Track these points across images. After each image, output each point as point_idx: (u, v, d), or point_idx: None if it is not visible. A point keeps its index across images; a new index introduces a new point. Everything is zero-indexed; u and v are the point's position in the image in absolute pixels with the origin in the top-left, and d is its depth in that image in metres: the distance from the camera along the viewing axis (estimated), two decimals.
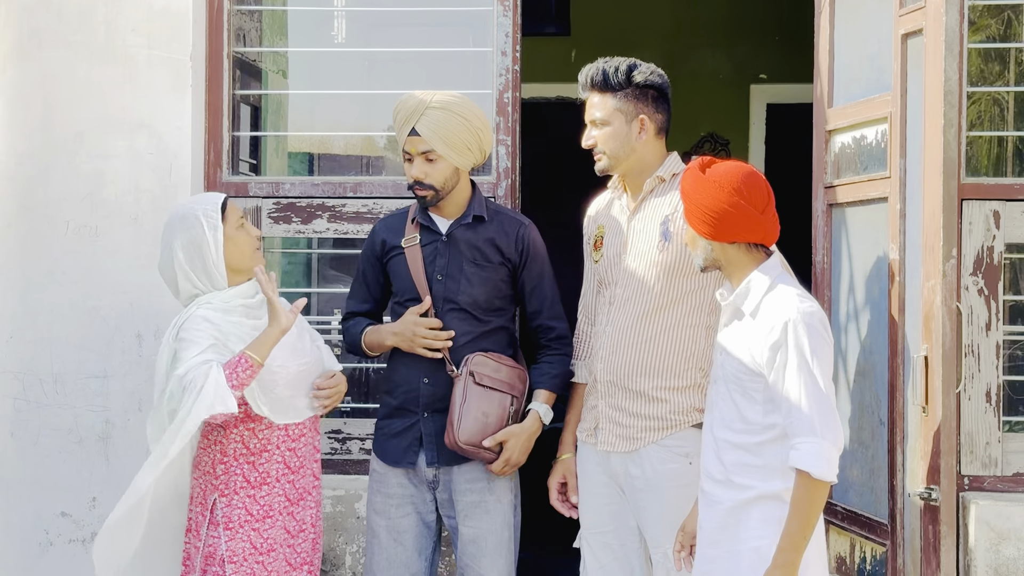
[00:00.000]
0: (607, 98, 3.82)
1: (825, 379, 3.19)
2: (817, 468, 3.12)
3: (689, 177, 3.40)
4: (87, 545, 4.39)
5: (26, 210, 4.44)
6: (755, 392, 3.29)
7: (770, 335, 3.23)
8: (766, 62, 7.95)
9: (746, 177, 3.34)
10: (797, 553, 3.14)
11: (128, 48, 4.44)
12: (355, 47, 4.99)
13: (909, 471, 3.77)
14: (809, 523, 3.14)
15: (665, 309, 3.76)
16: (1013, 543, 3.97)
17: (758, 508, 3.26)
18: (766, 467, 3.26)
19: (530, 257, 3.95)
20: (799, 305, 3.24)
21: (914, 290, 3.77)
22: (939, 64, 3.64)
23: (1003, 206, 4.10)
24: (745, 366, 3.30)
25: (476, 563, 3.87)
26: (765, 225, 3.34)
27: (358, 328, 3.98)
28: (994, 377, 4.08)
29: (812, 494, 3.14)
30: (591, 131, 3.85)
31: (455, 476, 3.88)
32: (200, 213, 3.72)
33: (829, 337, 3.27)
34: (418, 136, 3.79)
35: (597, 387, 3.86)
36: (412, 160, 3.82)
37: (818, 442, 3.13)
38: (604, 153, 3.83)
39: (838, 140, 4.16)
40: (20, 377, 4.42)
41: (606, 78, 3.81)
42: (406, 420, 3.89)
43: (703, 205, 3.33)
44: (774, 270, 3.36)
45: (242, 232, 3.78)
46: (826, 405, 3.17)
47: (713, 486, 3.36)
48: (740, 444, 3.30)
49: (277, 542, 3.74)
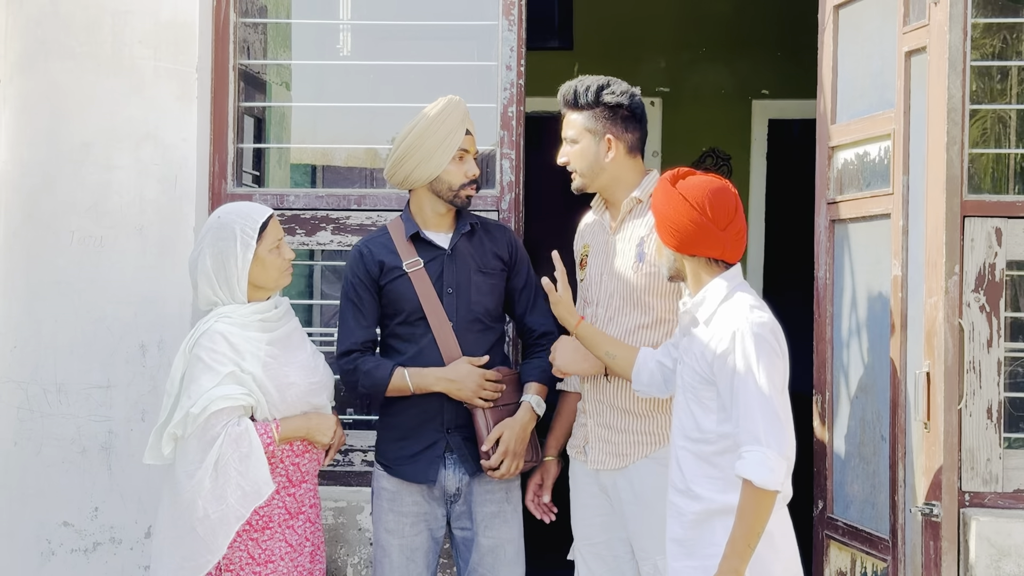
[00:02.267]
0: (577, 116, 3.88)
1: (772, 388, 3.19)
2: (759, 477, 3.12)
3: (660, 189, 3.44)
4: (89, 555, 4.40)
5: (31, 220, 4.45)
6: (708, 400, 3.31)
7: (720, 343, 3.26)
8: (768, 78, 7.97)
9: (712, 193, 3.35)
10: (741, 561, 3.15)
11: (135, 60, 4.45)
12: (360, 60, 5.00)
13: (911, 487, 3.78)
14: (754, 531, 3.14)
15: (645, 328, 3.80)
16: (1014, 559, 3.97)
17: (720, 522, 3.26)
18: (724, 479, 3.27)
19: (518, 260, 4.02)
20: (749, 315, 3.26)
21: (916, 306, 3.78)
22: (942, 81, 3.65)
23: (1005, 223, 4.11)
24: (698, 374, 3.33)
25: (494, 572, 3.90)
26: (725, 242, 3.35)
27: (383, 371, 3.85)
28: (995, 394, 4.08)
29: (756, 503, 3.14)
30: (564, 148, 3.91)
31: (474, 487, 3.91)
32: (238, 228, 3.74)
33: (781, 347, 3.28)
34: (471, 136, 3.91)
35: (586, 406, 3.92)
36: (464, 159, 3.89)
37: (762, 451, 3.14)
38: (576, 171, 3.90)
39: (841, 156, 4.17)
40: (23, 386, 4.42)
41: (576, 97, 3.86)
42: (427, 439, 3.88)
43: (668, 217, 3.36)
44: (735, 279, 3.38)
45: (274, 255, 3.79)
46: (772, 414, 3.17)
47: (676, 496, 3.39)
48: (698, 453, 3.33)
49: (276, 554, 3.75)
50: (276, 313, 3.82)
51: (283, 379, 3.74)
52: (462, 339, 3.87)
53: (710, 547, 3.27)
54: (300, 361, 3.81)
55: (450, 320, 3.87)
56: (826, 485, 4.16)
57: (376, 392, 3.89)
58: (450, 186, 3.88)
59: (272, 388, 3.71)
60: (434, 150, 3.85)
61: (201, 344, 3.69)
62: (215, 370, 3.65)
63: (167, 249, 4.40)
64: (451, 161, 3.87)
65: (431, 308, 3.86)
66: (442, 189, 3.89)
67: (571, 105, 3.87)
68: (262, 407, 3.70)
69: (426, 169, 3.86)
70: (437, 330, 3.85)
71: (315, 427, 3.79)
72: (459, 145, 3.86)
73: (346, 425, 4.57)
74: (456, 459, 3.88)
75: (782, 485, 3.17)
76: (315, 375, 3.84)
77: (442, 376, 3.83)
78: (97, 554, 4.40)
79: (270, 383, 3.71)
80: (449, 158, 3.86)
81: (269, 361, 3.73)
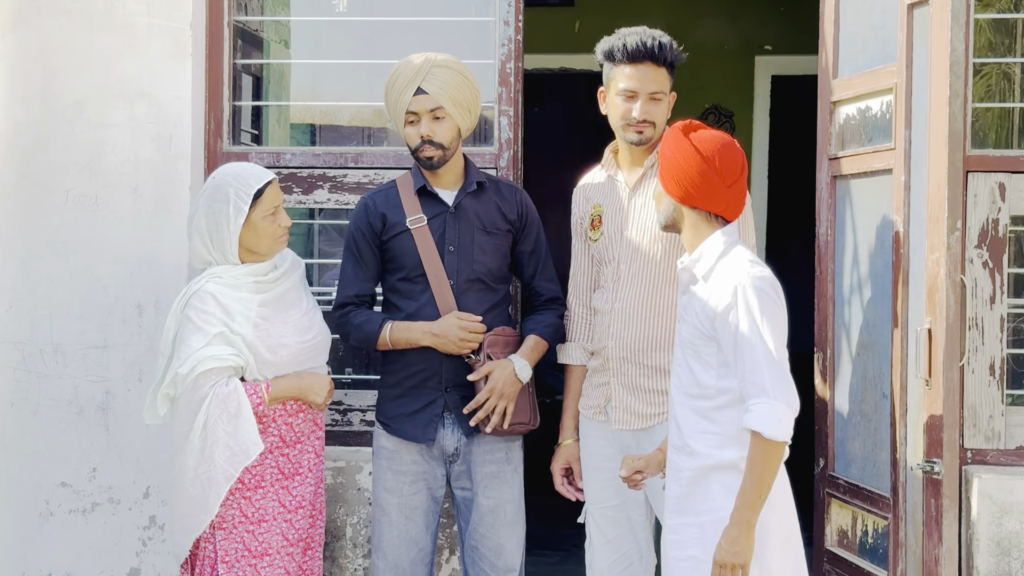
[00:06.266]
0: (663, 72, 3.78)
1: (776, 342, 3.19)
2: (769, 428, 3.13)
3: (670, 137, 3.39)
4: (87, 515, 4.39)
5: (25, 179, 4.42)
6: (708, 356, 3.30)
7: (721, 298, 3.25)
8: (771, 33, 7.91)
9: (722, 148, 3.33)
10: (753, 512, 3.16)
11: (128, 16, 4.40)
12: (356, 16, 4.95)
13: (912, 444, 3.76)
14: (764, 482, 3.16)
15: (673, 282, 3.74)
16: (1016, 516, 3.96)
17: (717, 478, 3.27)
18: (722, 434, 3.27)
19: (528, 222, 3.98)
20: (750, 270, 3.25)
21: (918, 262, 3.75)
22: (945, 35, 3.61)
23: (1009, 178, 4.07)
24: (698, 330, 3.31)
25: (494, 533, 3.89)
26: (729, 198, 3.34)
27: (372, 324, 3.86)
28: (998, 350, 4.06)
29: (765, 454, 3.15)
30: (646, 105, 3.77)
31: (474, 447, 3.89)
32: (232, 191, 3.71)
33: (781, 301, 3.27)
34: (426, 94, 3.79)
35: (609, 365, 3.84)
36: (417, 121, 3.81)
37: (770, 403, 3.14)
38: (654, 125, 3.80)
39: (843, 111, 4.13)
40: (20, 347, 4.41)
41: (663, 51, 3.75)
42: (425, 398, 3.86)
43: (676, 167, 3.33)
44: (731, 235, 3.36)
45: (268, 221, 3.76)
46: (777, 367, 3.17)
47: (674, 454, 3.38)
48: (695, 409, 3.32)
49: (270, 514, 3.74)
50: (273, 275, 3.79)
51: (275, 339, 3.72)
52: (462, 298, 3.84)
53: (706, 503, 3.27)
54: (293, 320, 3.79)
55: (450, 279, 3.84)
56: (827, 443, 4.14)
57: (367, 345, 3.89)
58: (409, 147, 3.87)
59: (263, 348, 3.69)
60: (393, 115, 3.87)
61: (191, 304, 3.67)
62: (204, 330, 3.64)
63: (162, 208, 4.37)
64: (406, 125, 3.84)
65: (431, 266, 3.83)
66: (410, 150, 3.89)
67: (656, 59, 3.75)
68: (251, 368, 3.68)
69: (400, 132, 3.88)
70: (436, 288, 3.83)
71: (307, 386, 3.77)
72: (406, 107, 3.82)
73: (345, 385, 4.56)
74: (454, 418, 3.86)
75: (789, 436, 3.18)
76: (308, 333, 3.81)
77: (428, 330, 3.80)
78: (95, 514, 4.40)
79: (261, 344, 3.69)
80: (403, 122, 3.84)
81: (260, 322, 3.71)
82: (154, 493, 4.37)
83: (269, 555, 3.73)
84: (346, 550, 4.33)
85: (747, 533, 3.16)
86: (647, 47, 3.73)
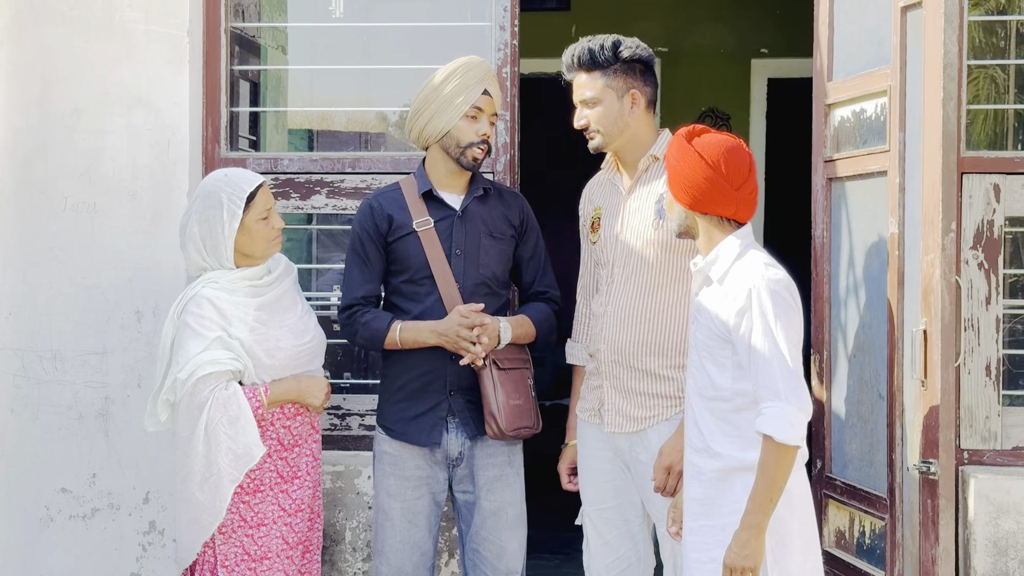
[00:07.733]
0: (595, 76, 3.81)
1: (790, 345, 3.20)
2: (780, 432, 3.13)
3: (675, 145, 3.41)
4: (87, 521, 4.40)
5: (24, 186, 4.43)
6: (723, 358, 3.31)
7: (736, 301, 3.25)
8: (767, 36, 7.91)
9: (728, 151, 3.34)
10: (764, 516, 3.16)
11: (125, 23, 4.42)
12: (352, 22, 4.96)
13: (908, 445, 3.77)
14: (775, 486, 3.16)
15: (665, 286, 3.75)
16: (1012, 517, 3.97)
17: (739, 479, 3.27)
18: (742, 436, 3.28)
19: (528, 228, 4.01)
20: (764, 272, 3.26)
21: (913, 264, 3.76)
22: (939, 37, 3.62)
23: (1003, 179, 4.08)
24: (713, 332, 3.32)
25: (496, 536, 3.90)
26: (739, 201, 3.35)
27: (381, 322, 3.85)
28: (994, 351, 4.07)
29: (777, 458, 3.15)
30: (582, 111, 3.84)
31: (476, 451, 3.90)
32: (225, 196, 3.72)
33: (796, 304, 3.28)
34: (490, 97, 3.87)
35: (601, 368, 3.85)
36: (478, 118, 3.85)
37: (782, 406, 3.15)
38: (598, 131, 3.82)
39: (838, 114, 4.14)
40: (19, 354, 4.42)
41: (592, 56, 3.80)
42: (430, 401, 3.86)
43: (683, 174, 3.34)
44: (746, 238, 3.37)
45: (262, 224, 3.77)
46: (789, 370, 3.18)
47: (695, 455, 3.38)
48: (714, 411, 3.32)
49: (269, 517, 3.75)
50: (268, 279, 3.80)
51: (272, 343, 3.73)
52: (468, 302, 3.84)
53: (729, 504, 3.27)
54: (290, 324, 3.80)
55: (456, 282, 3.84)
56: (824, 444, 4.15)
57: (374, 344, 3.88)
58: (458, 142, 3.84)
59: (260, 352, 3.71)
60: (446, 105, 3.83)
61: (188, 310, 3.68)
62: (202, 335, 3.65)
63: (161, 214, 4.39)
64: (463, 118, 3.83)
65: (439, 269, 3.84)
66: (451, 146, 3.85)
67: (586, 66, 3.80)
68: (249, 372, 3.70)
69: (438, 124, 3.84)
70: (444, 291, 3.83)
71: (305, 389, 3.78)
72: (473, 102, 3.83)
73: (343, 389, 4.57)
74: (458, 423, 3.87)
75: (802, 440, 3.18)
76: (305, 336, 3.83)
77: (434, 328, 3.80)
78: (96, 520, 4.41)
79: (258, 347, 3.70)
80: (461, 113, 3.83)
81: (257, 326, 3.72)
82: (154, 498, 4.38)
83: (268, 559, 3.74)
84: (345, 554, 4.34)
85: (758, 536, 3.16)
86: (574, 58, 3.82)
